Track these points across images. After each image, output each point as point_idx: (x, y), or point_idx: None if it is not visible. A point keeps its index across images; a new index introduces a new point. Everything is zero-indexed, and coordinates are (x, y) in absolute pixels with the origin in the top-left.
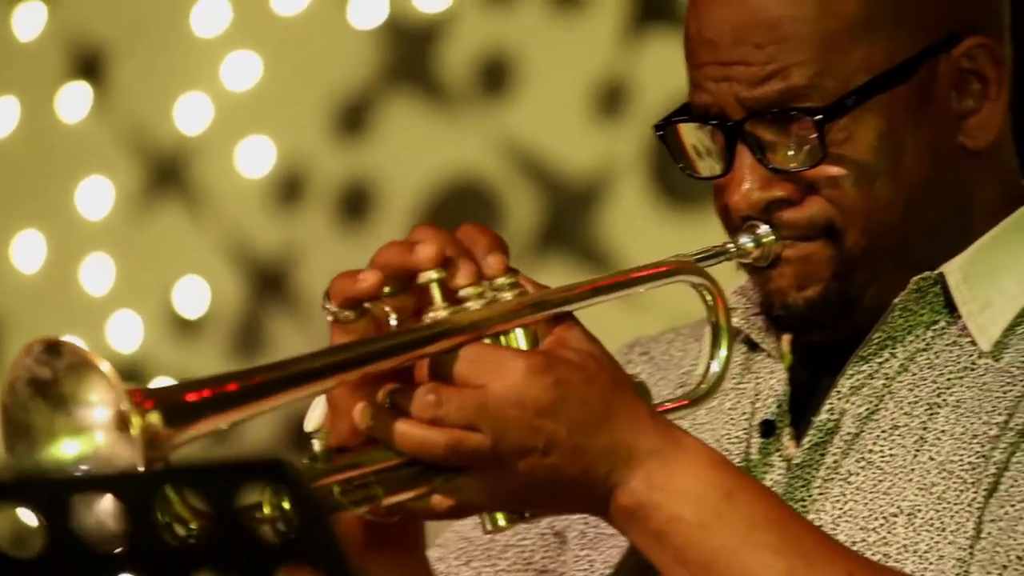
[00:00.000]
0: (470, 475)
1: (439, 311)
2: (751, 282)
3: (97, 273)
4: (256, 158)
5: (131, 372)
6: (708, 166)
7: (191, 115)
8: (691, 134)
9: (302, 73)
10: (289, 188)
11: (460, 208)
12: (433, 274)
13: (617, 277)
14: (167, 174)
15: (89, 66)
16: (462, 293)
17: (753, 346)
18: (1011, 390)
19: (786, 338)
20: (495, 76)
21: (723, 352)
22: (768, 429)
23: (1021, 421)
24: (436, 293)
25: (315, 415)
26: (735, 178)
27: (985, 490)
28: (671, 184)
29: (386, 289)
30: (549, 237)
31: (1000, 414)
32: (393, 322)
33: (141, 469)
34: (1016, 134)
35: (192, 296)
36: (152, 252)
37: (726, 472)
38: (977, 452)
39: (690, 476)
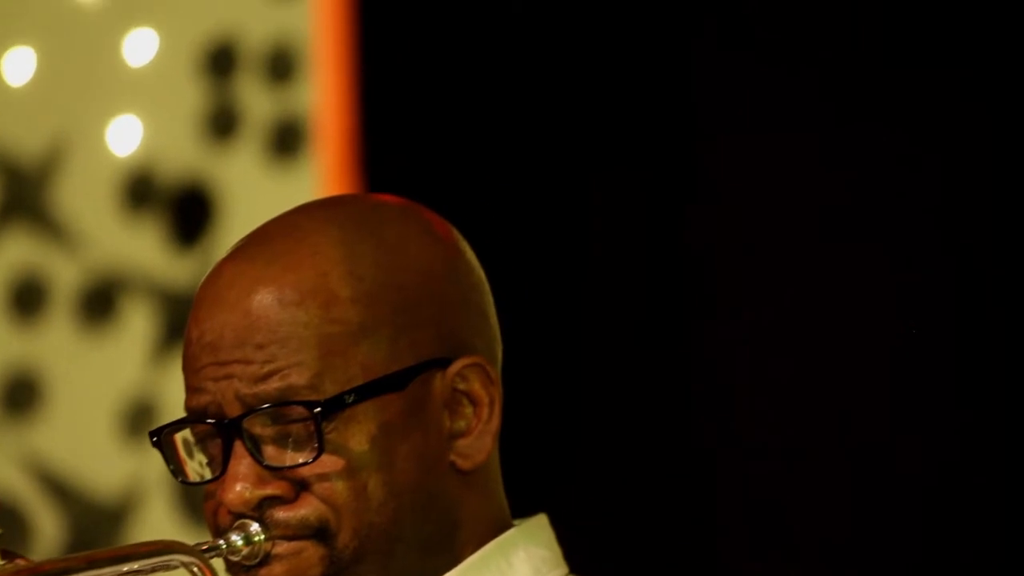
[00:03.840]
0: None
1: None
2: None
3: None
4: None
5: None
6: (204, 471)
7: None
8: (188, 441)
9: None
10: None
11: None
12: None
13: (115, 551)
14: None
15: None
16: None
17: None
18: None
19: None
20: (21, 394)
21: None
22: None
23: None
24: None
25: None
26: (229, 477)
27: None
28: (198, 502)
29: None
30: None
31: None
32: None
33: None
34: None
35: None
36: None
37: None
38: None
39: None
